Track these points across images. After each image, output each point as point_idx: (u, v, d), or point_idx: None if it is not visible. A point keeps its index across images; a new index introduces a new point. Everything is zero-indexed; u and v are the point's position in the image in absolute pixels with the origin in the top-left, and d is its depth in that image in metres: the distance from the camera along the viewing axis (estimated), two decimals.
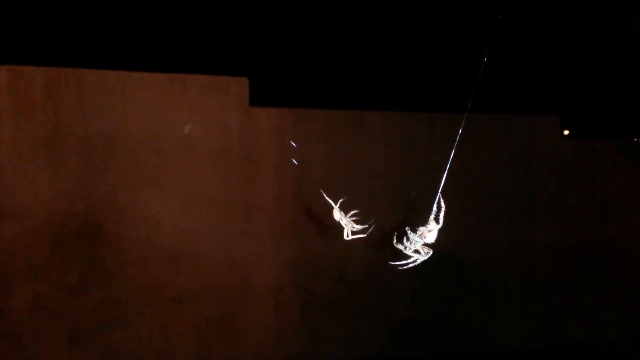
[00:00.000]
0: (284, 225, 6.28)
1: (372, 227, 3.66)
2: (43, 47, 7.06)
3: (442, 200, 3.31)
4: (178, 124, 5.95)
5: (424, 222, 3.41)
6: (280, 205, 6.27)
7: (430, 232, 3.30)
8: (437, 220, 3.30)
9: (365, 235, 3.64)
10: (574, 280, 7.19)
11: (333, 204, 3.70)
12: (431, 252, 3.32)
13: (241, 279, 6.14)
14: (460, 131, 4.13)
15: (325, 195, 3.76)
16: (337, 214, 3.66)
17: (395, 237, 3.36)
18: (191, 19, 8.01)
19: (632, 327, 7.27)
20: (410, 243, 3.32)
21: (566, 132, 9.48)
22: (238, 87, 6.14)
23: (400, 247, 3.35)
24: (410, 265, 3.37)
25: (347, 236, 3.66)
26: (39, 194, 5.55)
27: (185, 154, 5.97)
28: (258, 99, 6.23)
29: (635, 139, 10.22)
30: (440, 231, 3.31)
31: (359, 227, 3.64)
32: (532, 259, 7.05)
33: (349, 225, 3.64)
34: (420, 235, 3.31)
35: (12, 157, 5.50)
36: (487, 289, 6.86)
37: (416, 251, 3.33)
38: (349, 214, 3.65)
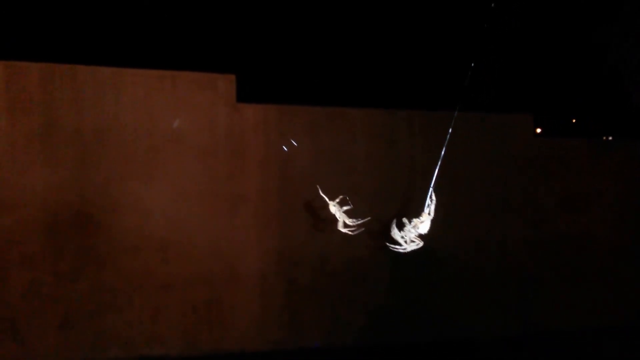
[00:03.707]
0: (268, 217, 6.43)
1: (362, 229, 3.90)
2: (38, 44, 7.14)
3: (433, 194, 3.62)
4: (168, 118, 6.09)
5: (409, 214, 3.67)
6: (265, 198, 6.42)
7: (422, 223, 3.59)
8: (428, 212, 3.59)
9: (354, 233, 3.89)
10: (547, 272, 7.37)
11: (327, 199, 3.92)
12: (422, 243, 3.62)
13: (227, 267, 6.28)
14: (450, 130, 4.32)
15: (320, 191, 3.97)
16: (333, 208, 3.88)
17: (391, 227, 3.62)
18: (181, 17, 8.10)
19: (601, 315, 7.46)
20: (405, 233, 3.59)
21: (539, 130, 9.63)
22: (225, 83, 6.29)
23: (396, 237, 3.61)
24: (400, 250, 3.65)
25: (341, 228, 3.89)
26: (33, 185, 5.69)
27: (174, 147, 6.12)
28: (245, 95, 6.37)
29: (604, 137, 10.44)
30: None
31: (351, 221, 3.87)
32: (506, 251, 7.22)
33: (342, 218, 3.87)
34: (414, 226, 3.58)
35: (8, 150, 5.63)
36: (464, 279, 7.02)
37: (411, 241, 3.61)
38: (343, 209, 3.88)
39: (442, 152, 4.21)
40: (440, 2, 8.66)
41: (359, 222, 3.88)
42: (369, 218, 3.91)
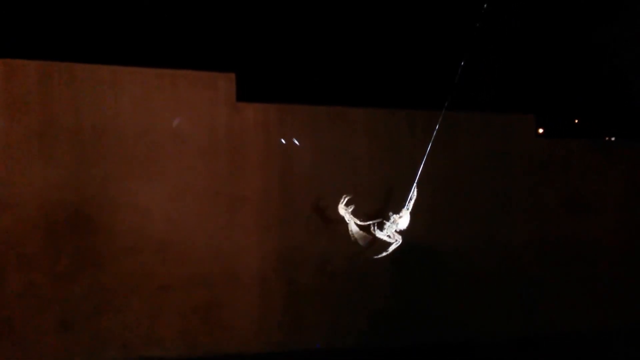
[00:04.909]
0: (269, 217, 6.39)
1: (375, 225, 3.78)
2: (37, 41, 7.12)
3: (415, 191, 3.63)
4: (167, 117, 6.05)
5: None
6: (265, 198, 6.38)
7: (401, 218, 3.60)
8: (407, 207, 3.61)
9: (367, 239, 3.78)
10: (549, 274, 7.32)
11: (342, 204, 3.81)
12: (400, 240, 3.61)
13: (227, 268, 6.24)
14: (436, 130, 4.29)
15: (342, 201, 3.84)
16: (342, 210, 3.79)
17: (371, 224, 3.63)
18: (181, 15, 8.09)
19: (603, 318, 7.41)
20: (384, 229, 3.60)
21: (541, 131, 9.62)
22: (225, 82, 6.25)
23: (378, 234, 3.61)
24: (383, 254, 3.67)
25: (351, 232, 3.78)
26: (31, 184, 5.64)
27: (174, 147, 6.08)
28: (245, 94, 6.34)
29: (607, 138, 10.42)
30: (421, 226, 3.59)
31: (360, 222, 3.76)
32: (508, 252, 7.18)
33: (351, 221, 3.77)
34: (393, 222, 3.60)
35: (6, 149, 5.59)
36: (465, 281, 6.98)
37: (389, 236, 3.61)
38: (349, 208, 3.77)
39: (427, 150, 4.12)
40: (442, 1, 8.66)
41: (369, 223, 3.74)
42: (380, 219, 3.78)
